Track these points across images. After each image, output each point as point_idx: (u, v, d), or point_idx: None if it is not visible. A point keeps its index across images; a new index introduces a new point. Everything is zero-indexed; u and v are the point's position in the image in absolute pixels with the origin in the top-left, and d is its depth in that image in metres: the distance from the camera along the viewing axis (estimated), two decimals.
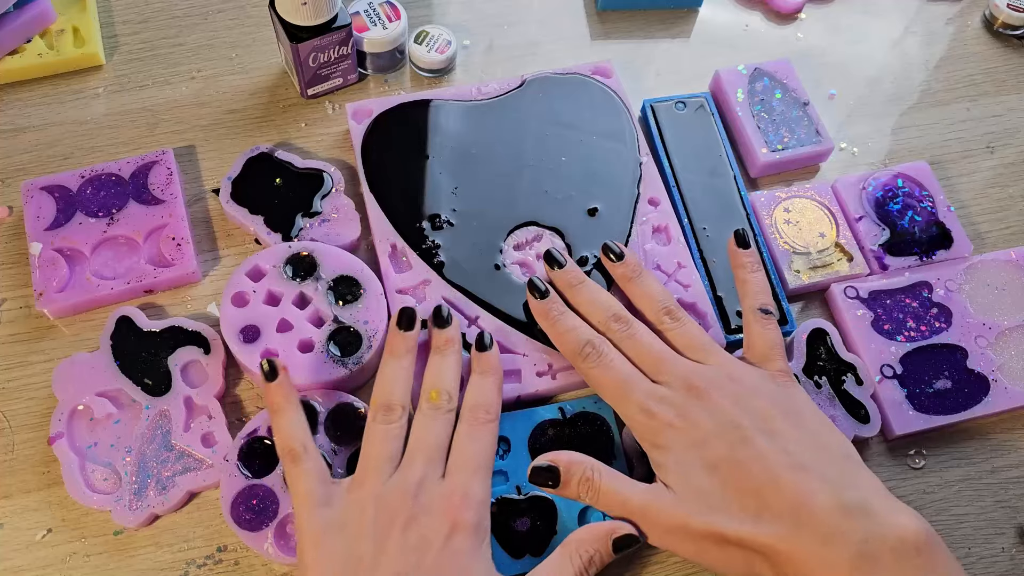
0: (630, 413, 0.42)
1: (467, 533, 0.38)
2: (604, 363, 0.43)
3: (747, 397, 0.41)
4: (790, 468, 0.38)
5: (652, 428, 0.41)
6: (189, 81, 0.58)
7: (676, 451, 0.40)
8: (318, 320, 0.48)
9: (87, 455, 0.45)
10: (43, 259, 0.49)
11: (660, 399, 0.42)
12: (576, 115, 0.56)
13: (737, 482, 0.38)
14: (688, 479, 0.39)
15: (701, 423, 0.40)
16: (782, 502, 0.37)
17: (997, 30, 0.66)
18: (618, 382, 0.43)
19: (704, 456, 0.40)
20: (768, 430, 0.40)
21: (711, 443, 0.40)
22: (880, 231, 0.54)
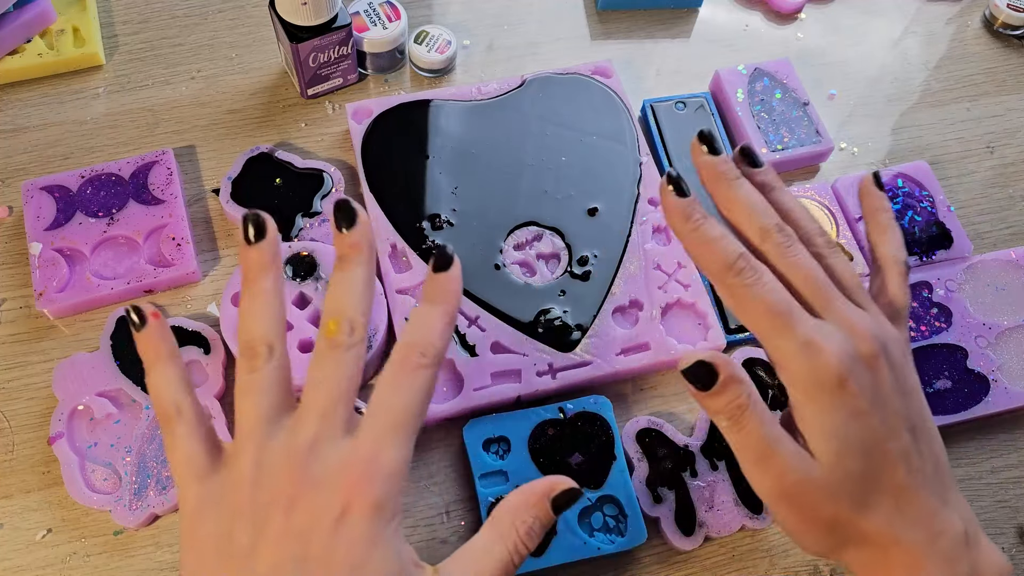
0: (789, 348, 0.34)
1: (366, 512, 0.30)
2: (762, 283, 0.34)
3: (902, 371, 0.35)
4: (923, 479, 0.35)
5: (817, 372, 0.33)
6: (189, 81, 0.58)
7: (838, 414, 0.33)
8: (318, 320, 0.48)
9: (87, 455, 0.45)
10: (43, 259, 0.49)
11: (832, 339, 0.34)
12: (576, 115, 0.56)
13: (881, 476, 0.34)
14: (842, 456, 0.33)
15: (866, 392, 0.34)
16: (915, 513, 0.34)
17: (997, 30, 0.66)
18: (779, 307, 0.34)
19: (863, 434, 0.34)
20: (912, 425, 0.35)
21: (872, 421, 0.34)
22: None
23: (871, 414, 0.34)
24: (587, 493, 0.45)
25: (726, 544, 0.46)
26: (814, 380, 0.34)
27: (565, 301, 0.50)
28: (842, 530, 0.34)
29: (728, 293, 0.35)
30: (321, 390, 0.32)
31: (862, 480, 0.34)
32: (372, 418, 0.32)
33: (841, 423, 0.34)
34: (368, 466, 0.31)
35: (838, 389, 0.33)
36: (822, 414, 0.34)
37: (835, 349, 0.33)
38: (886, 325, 0.36)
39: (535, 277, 0.51)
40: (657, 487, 0.45)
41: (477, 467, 0.45)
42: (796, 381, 0.34)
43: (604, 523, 0.44)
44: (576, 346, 0.49)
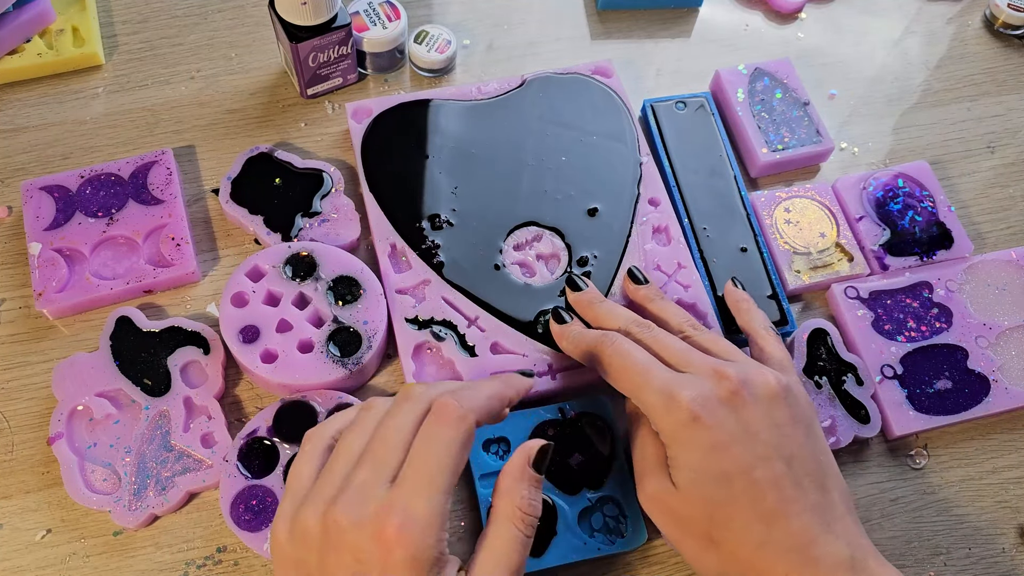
0: (650, 399, 0.38)
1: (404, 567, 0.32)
2: (624, 348, 0.41)
3: (772, 405, 0.39)
4: (801, 506, 0.37)
5: (674, 418, 0.38)
6: (189, 81, 0.58)
7: (696, 451, 0.37)
8: (318, 320, 0.48)
9: (87, 455, 0.44)
10: (42, 259, 0.49)
11: (686, 385, 0.38)
12: (576, 115, 0.56)
13: (748, 504, 0.37)
14: (699, 485, 0.37)
15: (726, 425, 0.37)
16: (787, 540, 0.36)
17: (998, 30, 0.66)
18: (640, 365, 0.40)
19: (723, 464, 0.37)
20: (787, 454, 0.38)
21: (733, 451, 0.37)
22: (880, 231, 0.54)
23: (733, 445, 0.37)
24: (587, 494, 0.45)
25: None
26: (672, 422, 0.38)
27: (565, 301, 0.50)
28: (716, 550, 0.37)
29: (601, 367, 0.41)
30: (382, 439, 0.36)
31: (724, 505, 0.37)
32: (409, 471, 0.34)
33: (699, 456, 0.37)
34: (400, 522, 0.32)
35: (692, 424, 0.37)
36: (682, 452, 0.38)
37: (688, 391, 0.38)
38: (754, 366, 0.40)
39: (535, 277, 0.51)
40: None
41: (477, 467, 0.45)
42: (661, 428, 0.39)
43: (604, 523, 0.44)
44: None
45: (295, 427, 0.45)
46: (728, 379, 0.38)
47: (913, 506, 0.48)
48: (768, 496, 0.36)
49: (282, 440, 0.45)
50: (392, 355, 0.49)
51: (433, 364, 0.48)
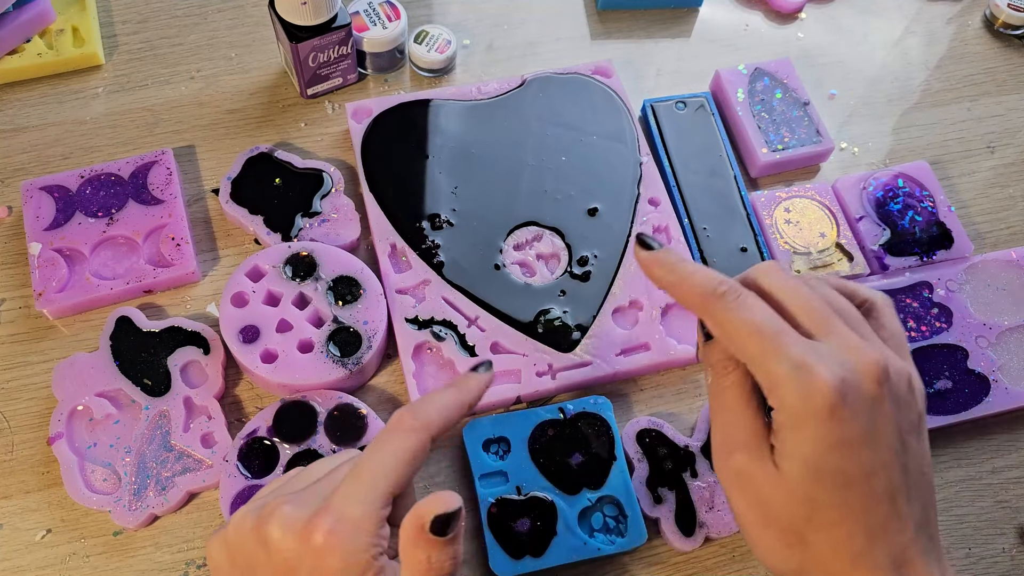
0: (780, 371, 0.32)
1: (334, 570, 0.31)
2: (747, 304, 0.33)
3: (904, 404, 0.33)
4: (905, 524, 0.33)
5: (808, 397, 0.31)
6: (188, 81, 0.58)
7: (820, 444, 0.31)
8: (318, 320, 0.48)
9: (87, 455, 0.44)
10: (42, 259, 0.49)
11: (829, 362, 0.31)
12: (576, 115, 0.56)
13: (858, 513, 0.32)
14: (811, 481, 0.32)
15: (861, 421, 0.31)
16: (885, 558, 0.32)
17: (998, 30, 0.66)
18: (768, 327, 0.32)
19: (846, 465, 0.32)
20: (904, 465, 0.33)
21: (861, 454, 0.32)
22: (880, 231, 0.54)
23: (862, 446, 0.32)
24: (587, 494, 0.45)
25: (726, 545, 0.46)
26: (804, 406, 0.31)
27: (565, 301, 0.50)
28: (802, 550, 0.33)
29: (715, 322, 0.34)
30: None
31: (833, 509, 0.32)
32: (350, 476, 0.33)
33: (821, 450, 0.32)
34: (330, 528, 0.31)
35: (828, 416, 0.31)
36: (802, 440, 0.32)
37: (831, 371, 0.31)
38: (892, 353, 0.34)
39: (535, 277, 0.51)
40: (657, 487, 0.45)
41: (477, 468, 0.45)
42: (784, 406, 0.32)
43: (604, 524, 0.44)
44: (576, 346, 0.48)
45: (295, 427, 0.45)
46: (876, 366, 0.32)
47: None
48: (880, 508, 0.32)
49: (282, 440, 0.45)
50: (392, 355, 0.49)
51: (433, 364, 0.48)
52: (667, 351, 0.49)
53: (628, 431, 0.47)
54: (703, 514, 0.45)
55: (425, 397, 0.35)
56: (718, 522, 0.45)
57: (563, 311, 0.49)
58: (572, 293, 0.50)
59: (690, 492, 0.45)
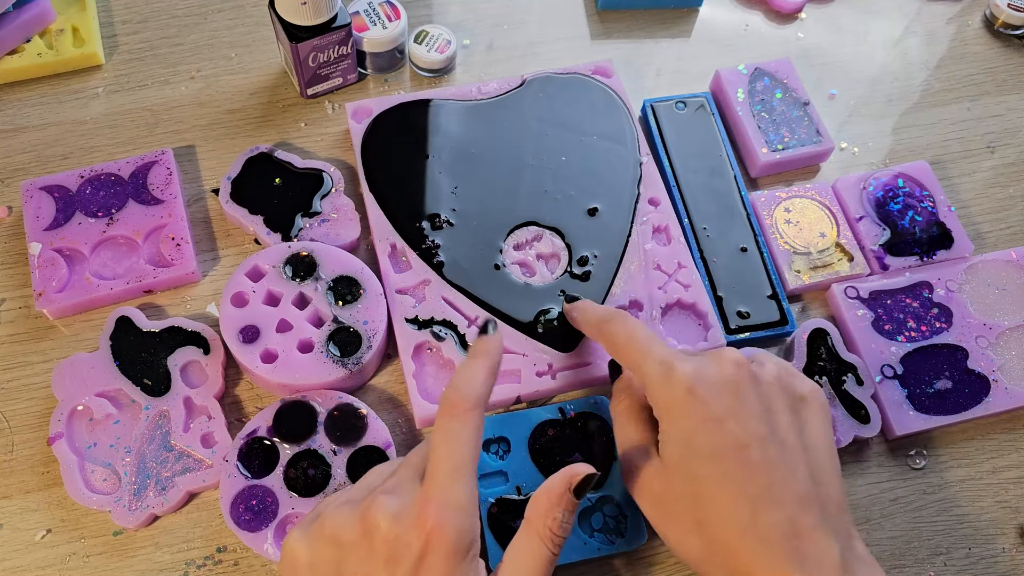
0: (649, 368, 0.38)
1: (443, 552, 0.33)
2: (631, 322, 0.41)
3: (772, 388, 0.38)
4: (793, 496, 0.35)
5: (670, 388, 0.37)
6: (188, 81, 0.58)
7: (687, 423, 0.36)
8: (318, 320, 0.48)
9: (86, 455, 0.44)
10: (42, 259, 0.49)
11: (686, 359, 0.38)
12: (576, 115, 0.56)
13: (738, 482, 0.35)
14: (688, 459, 0.36)
15: (723, 400, 0.36)
16: (774, 529, 0.34)
17: (998, 30, 0.66)
18: (644, 337, 0.40)
19: (715, 439, 0.36)
20: (782, 440, 0.36)
21: (727, 426, 0.36)
22: (880, 231, 0.54)
23: (728, 419, 0.36)
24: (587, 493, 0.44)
25: None
26: (667, 393, 0.37)
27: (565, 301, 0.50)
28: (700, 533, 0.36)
29: (605, 339, 0.42)
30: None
31: (713, 482, 0.36)
32: (435, 465, 0.35)
33: (690, 428, 0.36)
34: (439, 510, 0.34)
35: (689, 396, 0.36)
36: (674, 425, 0.37)
37: (688, 364, 0.37)
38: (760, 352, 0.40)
39: (535, 277, 0.51)
40: None
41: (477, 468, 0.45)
42: (655, 399, 0.38)
43: (604, 524, 0.44)
44: (576, 346, 0.48)
45: (295, 427, 0.45)
46: (730, 359, 0.38)
47: (913, 506, 0.48)
48: (759, 478, 0.35)
49: (282, 440, 0.45)
50: (392, 355, 0.49)
51: (433, 364, 0.48)
52: None
53: None
54: None
55: (461, 375, 0.37)
56: None
57: None
58: (572, 293, 0.50)
59: None
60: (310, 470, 0.44)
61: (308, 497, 0.43)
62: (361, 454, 0.45)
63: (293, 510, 0.43)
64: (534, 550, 0.35)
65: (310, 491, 0.43)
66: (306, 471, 0.44)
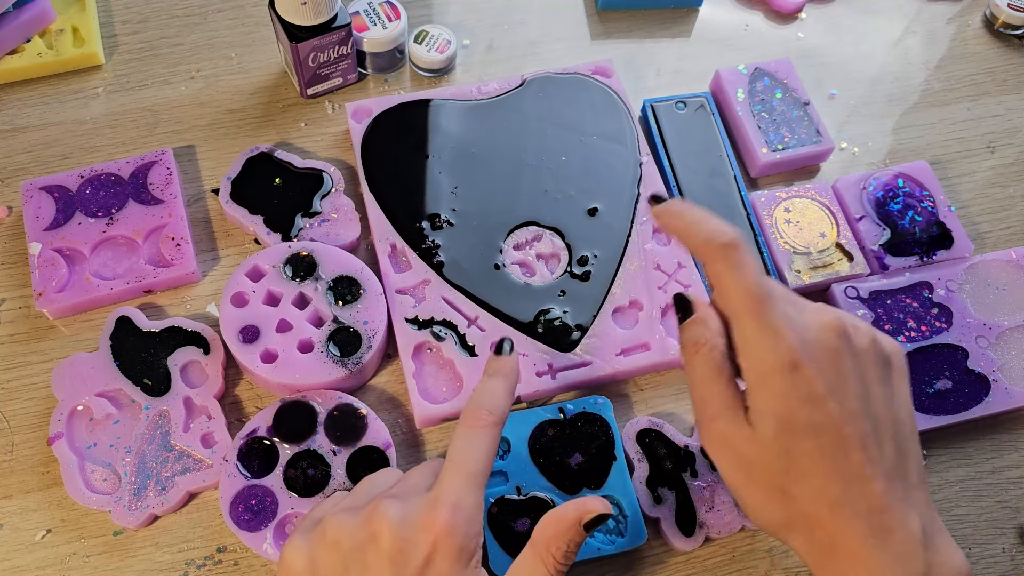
0: (755, 329, 0.35)
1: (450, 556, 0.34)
2: (746, 259, 0.36)
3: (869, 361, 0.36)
4: (882, 471, 0.35)
5: (774, 358, 0.35)
6: (188, 81, 0.58)
7: (787, 400, 0.35)
8: (318, 320, 0.48)
9: (86, 455, 0.44)
10: (42, 259, 0.49)
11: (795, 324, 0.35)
12: (576, 115, 0.56)
13: (832, 460, 0.34)
14: (784, 434, 0.35)
15: (825, 378, 0.35)
16: (863, 504, 0.34)
17: (998, 30, 0.66)
18: (758, 286, 0.36)
19: (815, 417, 0.34)
20: (875, 416, 0.35)
21: (828, 406, 0.34)
22: (880, 231, 0.54)
23: (828, 399, 0.34)
24: (587, 494, 0.45)
25: (726, 545, 0.46)
26: (770, 363, 0.35)
27: (565, 301, 0.50)
28: (786, 503, 0.35)
29: (713, 272, 0.37)
30: None
31: (807, 458, 0.34)
32: (450, 470, 0.36)
33: (790, 405, 0.34)
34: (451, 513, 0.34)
35: (791, 372, 0.34)
36: (770, 397, 0.35)
37: (795, 335, 0.35)
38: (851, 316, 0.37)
39: (535, 277, 0.51)
40: (657, 487, 0.45)
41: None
42: (754, 363, 0.35)
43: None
44: (576, 346, 0.48)
45: (295, 427, 0.45)
46: (832, 328, 0.36)
47: None
48: (852, 455, 0.34)
49: (282, 440, 0.45)
50: (392, 355, 0.49)
51: (433, 364, 0.48)
52: (667, 351, 0.49)
53: (628, 431, 0.47)
54: (703, 514, 0.45)
55: (484, 391, 0.38)
56: (718, 522, 0.45)
57: (563, 311, 0.49)
58: (572, 293, 0.50)
59: (690, 492, 0.45)
60: (310, 470, 0.44)
61: (307, 497, 0.43)
62: (361, 454, 0.45)
63: (292, 510, 0.43)
64: (536, 572, 0.35)
65: (310, 491, 0.44)
66: (306, 471, 0.44)
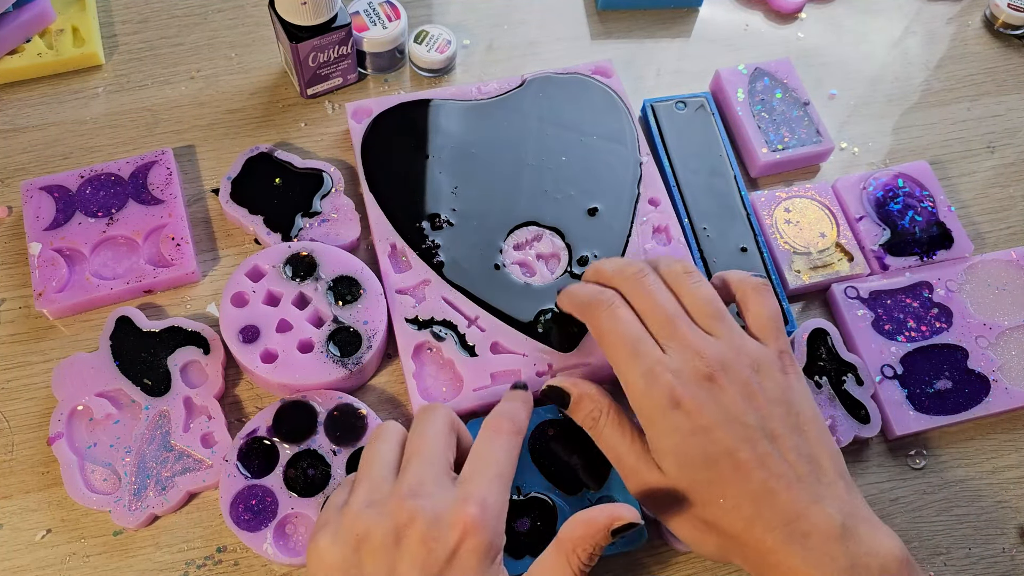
0: (633, 378, 0.39)
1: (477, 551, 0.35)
2: (617, 314, 0.40)
3: (753, 386, 0.39)
4: (787, 481, 0.37)
5: (654, 401, 0.38)
6: (188, 81, 0.58)
7: (676, 436, 0.38)
8: (318, 320, 0.48)
9: (86, 455, 0.44)
10: (42, 259, 0.49)
11: (670, 370, 0.39)
12: (576, 115, 0.56)
13: (735, 483, 0.37)
14: (684, 469, 0.38)
15: (706, 410, 0.38)
16: (776, 516, 0.36)
17: (998, 30, 0.66)
18: (628, 338, 0.40)
19: (706, 448, 0.37)
20: (770, 432, 0.38)
21: (715, 435, 0.37)
22: (881, 231, 0.54)
23: (714, 428, 0.37)
24: (587, 494, 0.45)
25: None
26: (651, 405, 0.38)
27: None
28: (711, 532, 0.38)
29: (593, 328, 0.42)
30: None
31: (711, 486, 0.37)
32: (478, 469, 0.38)
33: (679, 441, 0.38)
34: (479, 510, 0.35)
35: (673, 410, 0.38)
36: (661, 436, 0.38)
37: (671, 376, 0.38)
38: (739, 343, 0.40)
39: (535, 277, 0.51)
40: None
41: None
42: (639, 409, 0.39)
43: None
44: (576, 346, 0.48)
45: (295, 427, 0.45)
46: (707, 360, 0.39)
47: (913, 506, 0.48)
48: (754, 476, 0.37)
49: (282, 440, 0.45)
50: (392, 355, 0.49)
51: (433, 364, 0.48)
52: None
53: None
54: None
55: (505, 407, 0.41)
56: None
57: None
58: None
59: None
60: (310, 470, 0.44)
61: (308, 497, 0.43)
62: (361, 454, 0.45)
63: (293, 510, 0.43)
64: (560, 570, 0.36)
65: (310, 491, 0.44)
66: (306, 471, 0.44)
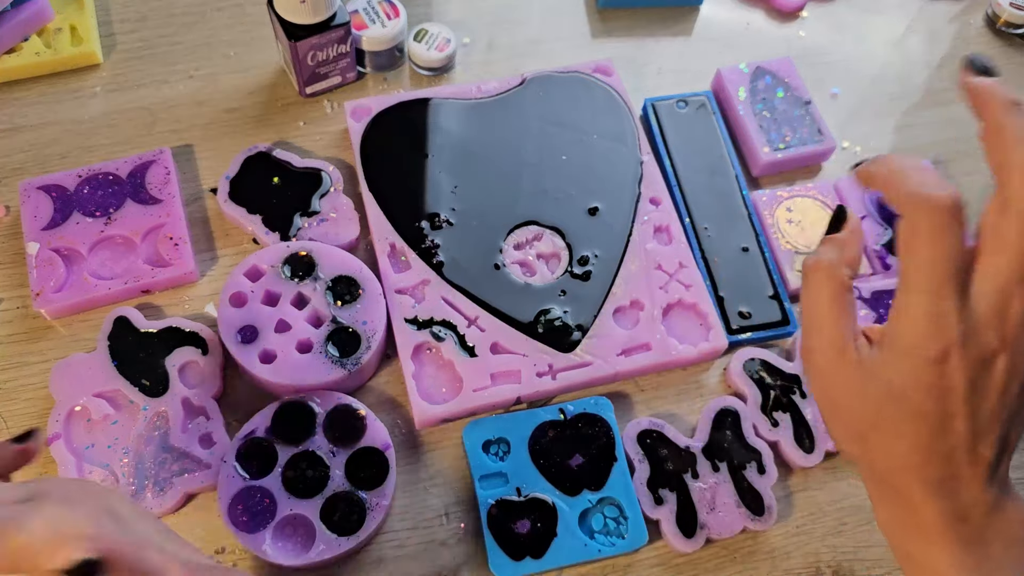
0: (919, 311, 0.32)
1: None
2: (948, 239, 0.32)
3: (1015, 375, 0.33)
4: (983, 467, 0.33)
5: (923, 340, 0.31)
6: (187, 80, 0.58)
7: (909, 376, 0.32)
8: (316, 320, 0.47)
9: (84, 456, 0.44)
10: (40, 259, 0.49)
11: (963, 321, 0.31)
12: (577, 114, 0.56)
13: (926, 443, 0.32)
14: (885, 403, 0.32)
15: (962, 377, 0.32)
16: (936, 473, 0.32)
17: (1000, 28, 0.65)
18: (942, 270, 0.31)
19: (930, 406, 0.32)
20: (1002, 419, 0.33)
21: (947, 400, 0.32)
22: (882, 231, 0.54)
23: (954, 397, 0.32)
24: (588, 495, 0.44)
25: (727, 546, 0.45)
26: (915, 345, 0.32)
27: (565, 301, 0.49)
28: (863, 448, 0.33)
29: (907, 231, 0.33)
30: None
31: (899, 425, 0.32)
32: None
33: (911, 387, 0.32)
34: None
35: (933, 364, 0.31)
36: (897, 372, 0.32)
37: (957, 331, 0.31)
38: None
39: (535, 277, 0.50)
40: (658, 489, 0.45)
41: (477, 469, 0.45)
42: (899, 335, 0.32)
43: (605, 525, 0.44)
44: (576, 346, 0.48)
45: (294, 428, 0.45)
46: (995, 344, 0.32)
47: None
48: (960, 446, 0.32)
49: (281, 441, 0.44)
50: (391, 355, 0.49)
51: (433, 364, 0.48)
52: (668, 351, 0.49)
53: (629, 432, 0.46)
54: (704, 515, 0.45)
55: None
56: (719, 523, 0.44)
57: (563, 311, 0.49)
58: (572, 293, 0.50)
59: (691, 493, 0.45)
60: (309, 471, 0.44)
61: (307, 498, 0.43)
62: (360, 455, 0.44)
63: (291, 511, 0.43)
64: None
65: (309, 492, 0.43)
66: (305, 472, 0.44)
